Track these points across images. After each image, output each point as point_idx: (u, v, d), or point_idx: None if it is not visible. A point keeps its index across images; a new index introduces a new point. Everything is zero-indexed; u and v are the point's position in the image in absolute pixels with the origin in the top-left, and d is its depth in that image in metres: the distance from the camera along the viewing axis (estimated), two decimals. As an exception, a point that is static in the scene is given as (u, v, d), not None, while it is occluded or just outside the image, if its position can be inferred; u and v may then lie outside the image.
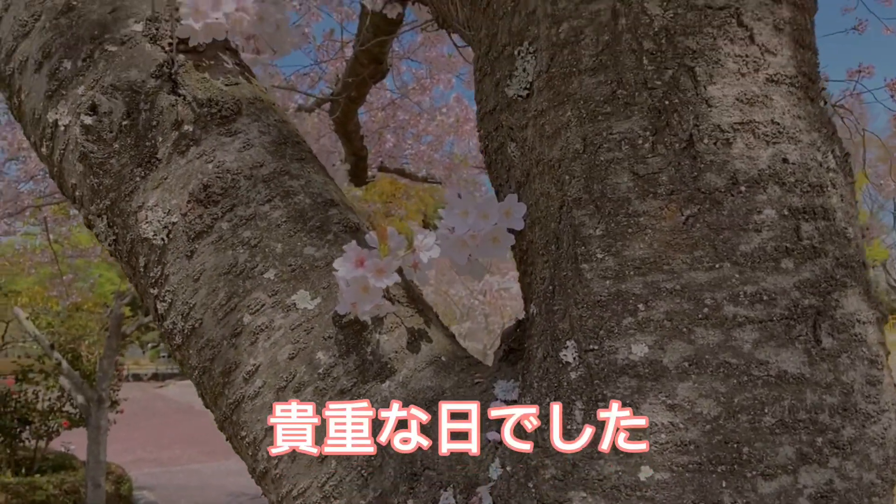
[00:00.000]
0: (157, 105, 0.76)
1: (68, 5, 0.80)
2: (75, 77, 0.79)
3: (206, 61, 0.80)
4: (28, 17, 0.81)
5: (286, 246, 0.72)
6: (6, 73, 0.84)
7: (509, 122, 0.73)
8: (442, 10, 1.33)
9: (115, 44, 0.79)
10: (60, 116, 0.79)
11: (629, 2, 0.61)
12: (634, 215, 0.58)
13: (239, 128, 0.77)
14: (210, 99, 0.76)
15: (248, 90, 0.81)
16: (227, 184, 0.74)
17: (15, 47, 0.82)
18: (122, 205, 0.76)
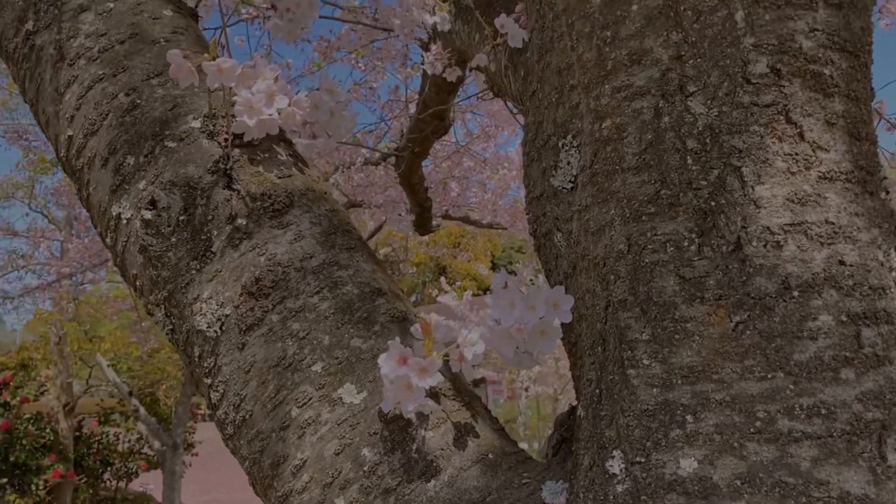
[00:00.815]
0: (213, 200, 0.78)
1: (133, 104, 0.85)
2: (137, 172, 0.82)
3: (260, 154, 0.83)
4: (97, 116, 0.86)
5: (333, 338, 0.73)
6: (76, 167, 0.88)
7: (555, 212, 0.72)
8: (497, 81, 1.35)
9: (174, 140, 0.82)
10: (123, 210, 0.82)
11: (672, 100, 0.60)
12: (681, 320, 0.56)
13: (290, 220, 0.79)
14: (263, 193, 0.79)
15: (301, 181, 0.83)
16: (277, 276, 0.75)
17: (84, 144, 0.87)
18: (179, 296, 0.78)
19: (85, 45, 0.89)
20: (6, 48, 0.95)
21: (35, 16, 0.91)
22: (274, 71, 0.81)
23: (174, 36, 0.91)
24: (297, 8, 1.23)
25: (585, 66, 0.67)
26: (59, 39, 0.90)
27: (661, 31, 0.61)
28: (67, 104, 0.88)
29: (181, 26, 0.93)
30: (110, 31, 0.89)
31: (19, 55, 0.93)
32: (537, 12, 0.75)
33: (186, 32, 0.93)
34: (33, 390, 6.29)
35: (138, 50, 0.88)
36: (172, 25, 0.92)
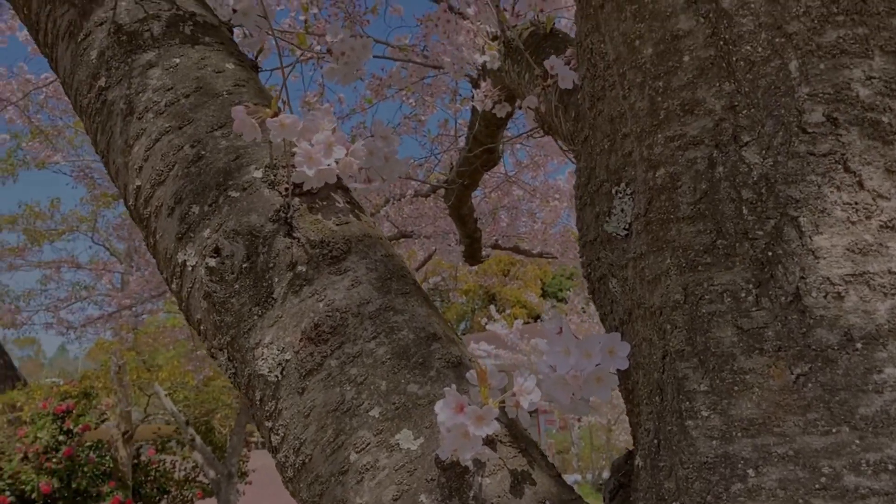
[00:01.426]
0: (274, 248, 0.81)
1: (198, 155, 0.88)
2: (202, 221, 0.86)
3: (319, 202, 0.85)
4: (164, 167, 0.89)
5: (390, 383, 0.74)
6: (144, 216, 0.92)
7: (609, 258, 0.72)
8: (547, 120, 1.36)
9: (237, 189, 0.85)
10: (188, 258, 0.86)
11: (726, 150, 0.60)
12: (740, 372, 0.56)
13: (348, 266, 0.81)
14: (322, 240, 0.81)
15: (358, 228, 0.85)
16: (336, 322, 0.77)
17: (152, 194, 0.91)
18: (241, 341, 0.81)
19: (153, 99, 0.93)
20: (80, 103, 1.00)
21: (107, 73, 0.96)
22: (331, 122, 0.84)
23: (236, 89, 0.95)
24: (351, 52, 1.27)
25: (638, 115, 0.67)
26: (128, 94, 0.94)
27: (714, 81, 0.61)
28: (136, 155, 0.93)
29: (242, 79, 0.97)
30: (176, 85, 0.93)
31: (92, 109, 0.98)
32: (588, 61, 0.76)
33: (248, 85, 0.97)
34: (95, 418, 6.46)
35: (203, 103, 0.92)
36: (234, 78, 0.96)
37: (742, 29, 0.60)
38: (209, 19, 1.03)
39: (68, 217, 7.67)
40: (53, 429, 6.47)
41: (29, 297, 7.95)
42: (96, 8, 0.99)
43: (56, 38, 1.02)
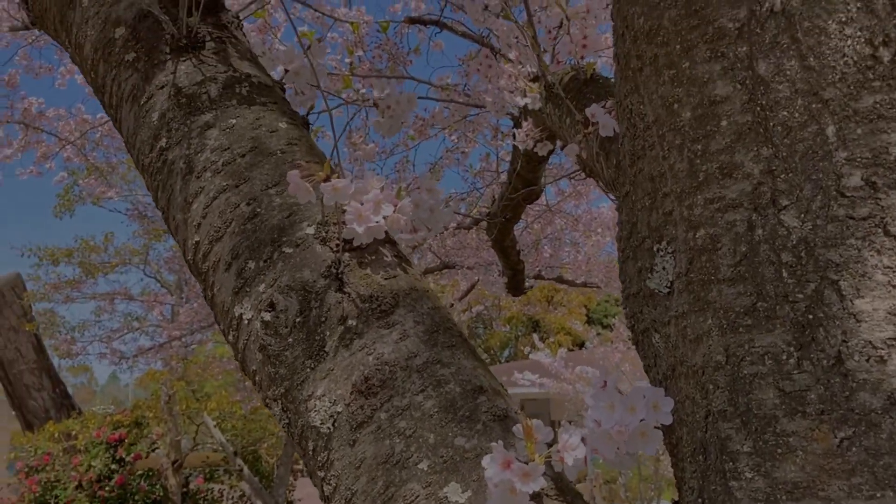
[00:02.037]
0: (326, 302, 0.84)
1: (253, 212, 0.93)
2: (257, 276, 0.90)
3: (367, 257, 0.89)
4: (221, 224, 0.94)
5: (438, 436, 0.77)
6: (202, 270, 0.97)
7: (652, 314, 0.74)
8: (588, 164, 1.38)
9: (290, 246, 0.89)
10: (245, 311, 0.90)
11: (765, 213, 0.61)
12: (783, 434, 0.56)
13: (396, 319, 0.84)
14: (371, 295, 0.84)
15: (405, 281, 0.88)
16: (385, 375, 0.80)
17: (210, 249, 0.95)
18: (295, 393, 0.84)
19: (210, 158, 0.98)
20: (142, 161, 1.06)
21: (168, 134, 1.02)
22: (379, 182, 0.87)
23: (289, 147, 0.99)
24: (397, 105, 1.31)
25: (677, 176, 0.69)
26: (188, 154, 1.00)
27: (752, 146, 0.63)
28: (195, 212, 0.97)
29: (295, 137, 1.02)
30: (233, 145, 0.98)
31: (154, 168, 1.03)
32: (628, 120, 0.79)
33: (300, 143, 1.01)
34: (146, 447, 6.60)
35: (258, 162, 0.97)
36: (287, 137, 1.01)
37: (779, 95, 0.62)
38: (263, 80, 1.08)
39: (121, 250, 7.93)
40: (106, 457, 6.63)
41: (83, 327, 8.18)
42: (158, 72, 1.05)
43: (120, 100, 1.09)
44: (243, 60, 1.09)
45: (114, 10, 1.10)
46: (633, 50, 0.75)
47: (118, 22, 1.09)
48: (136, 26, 1.08)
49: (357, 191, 0.83)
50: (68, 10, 1.15)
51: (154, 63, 1.06)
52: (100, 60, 1.11)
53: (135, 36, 1.08)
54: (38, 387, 8.34)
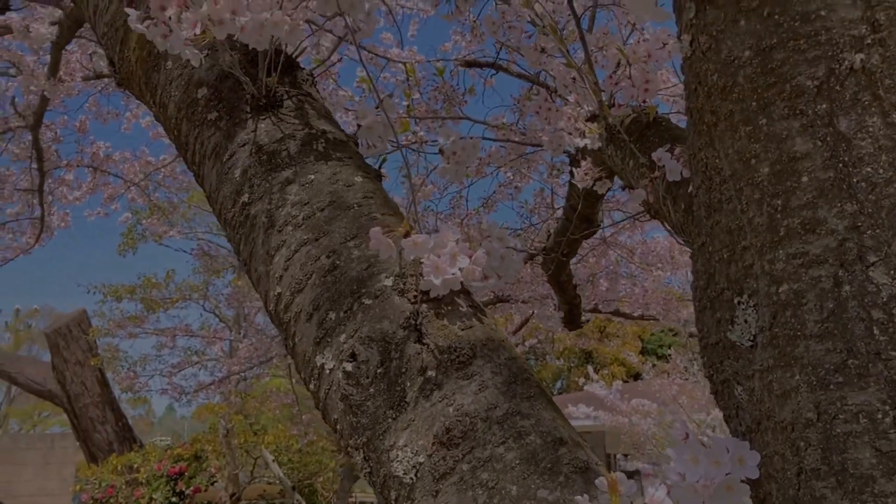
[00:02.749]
0: (406, 353, 0.87)
1: (333, 264, 0.96)
2: (338, 326, 0.93)
3: (444, 307, 0.91)
4: (302, 276, 0.98)
5: (521, 488, 0.77)
6: (284, 320, 1.00)
7: (734, 366, 0.74)
8: (654, 206, 1.39)
9: (370, 297, 0.92)
10: (326, 361, 0.92)
11: (852, 269, 0.61)
12: (882, 496, 0.56)
13: (474, 370, 0.85)
14: (450, 346, 0.86)
15: (481, 331, 0.90)
16: (466, 427, 0.81)
17: (292, 300, 0.99)
18: (377, 442, 0.86)
19: (291, 213, 1.02)
20: (225, 216, 1.11)
21: (250, 189, 1.06)
22: (455, 234, 0.90)
23: (365, 200, 1.03)
24: (462, 151, 1.34)
25: (757, 230, 0.70)
26: (269, 209, 1.04)
27: (835, 202, 0.63)
28: (277, 265, 1.01)
29: (370, 190, 1.05)
30: (312, 199, 1.02)
31: (236, 222, 1.08)
32: (703, 173, 0.80)
33: (375, 195, 1.05)
34: (205, 480, 6.72)
35: (336, 216, 1.00)
36: (363, 191, 1.04)
37: (862, 151, 0.63)
38: (338, 135, 1.12)
39: (182, 286, 8.16)
40: (167, 490, 6.77)
41: (145, 361, 8.39)
42: (239, 131, 1.10)
43: (203, 157, 1.14)
44: (320, 118, 1.13)
45: (196, 72, 1.16)
46: (707, 105, 0.77)
47: (200, 83, 1.15)
48: (217, 87, 1.14)
49: (436, 245, 0.85)
50: (153, 73, 1.22)
51: (235, 122, 1.11)
52: (183, 119, 1.17)
53: (217, 96, 1.14)
54: (102, 420, 8.57)
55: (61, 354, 8.64)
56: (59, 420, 22.19)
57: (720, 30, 0.74)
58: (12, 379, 8.85)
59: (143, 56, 1.24)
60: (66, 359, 8.65)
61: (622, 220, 2.51)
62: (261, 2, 0.99)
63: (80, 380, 8.59)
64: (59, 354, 8.63)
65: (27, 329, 25.43)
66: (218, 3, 0.91)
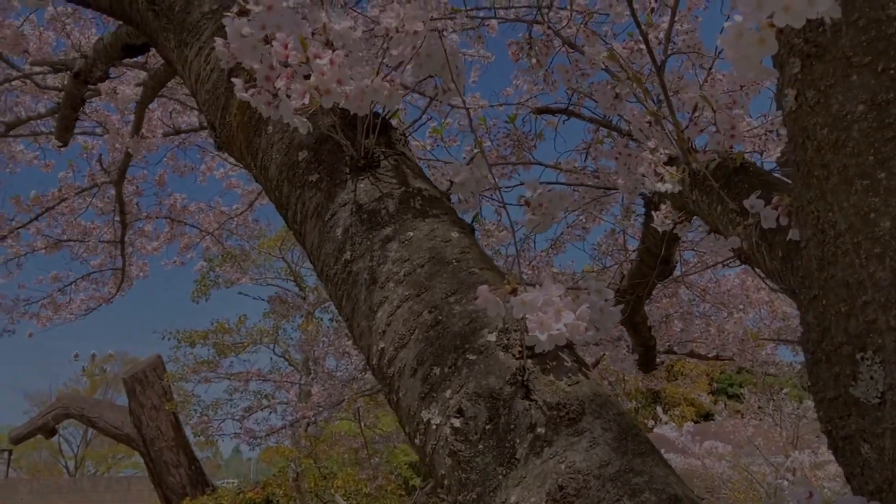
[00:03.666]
0: (514, 410, 0.88)
1: (435, 320, 0.98)
2: (443, 382, 0.94)
3: (549, 363, 0.92)
4: (405, 332, 1.00)
5: (639, 547, 0.77)
6: (388, 375, 1.03)
7: (859, 423, 0.72)
8: (746, 252, 1.37)
9: (473, 353, 0.94)
10: (432, 416, 0.94)
11: None
12: None
13: (584, 427, 0.86)
14: (558, 402, 0.87)
15: (588, 387, 0.90)
16: (579, 485, 0.81)
17: (395, 356, 1.01)
18: (487, 499, 0.87)
19: (392, 269, 1.05)
20: (327, 273, 1.15)
21: (351, 247, 1.10)
22: (559, 290, 0.91)
23: (463, 256, 1.05)
24: (549, 203, 1.36)
25: (879, 285, 0.69)
26: (371, 266, 1.07)
27: (966, 257, 0.62)
28: (380, 320, 1.04)
29: (467, 245, 1.08)
30: (412, 256, 1.05)
31: (338, 279, 1.12)
32: (814, 226, 0.79)
33: (471, 250, 1.07)
34: (276, 525, 6.76)
35: (436, 272, 1.03)
36: (461, 246, 1.07)
37: None
38: (433, 192, 1.15)
39: (252, 331, 8.34)
40: (240, 534, 6.82)
41: (217, 405, 8.57)
42: (339, 191, 1.14)
43: (305, 216, 1.19)
44: (415, 176, 1.17)
45: (297, 136, 1.22)
46: (817, 159, 0.77)
47: (301, 146, 1.21)
48: (317, 150, 1.19)
49: (545, 303, 0.87)
50: (255, 137, 1.28)
51: (335, 182, 1.15)
52: (284, 181, 1.23)
53: (317, 158, 1.19)
54: (176, 464, 8.75)
55: (138, 399, 8.89)
56: (133, 462, 22.76)
57: (829, 84, 0.74)
58: (93, 423, 9.15)
59: (244, 121, 1.30)
60: (142, 403, 8.89)
61: (713, 264, 2.47)
62: (362, 70, 1.04)
63: (156, 424, 8.81)
64: (136, 399, 8.89)
65: (102, 374, 26.32)
66: (325, 74, 0.96)
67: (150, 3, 1.49)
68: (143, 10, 1.51)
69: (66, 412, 9.17)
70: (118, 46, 2.06)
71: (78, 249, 5.71)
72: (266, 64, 1.07)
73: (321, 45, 0.99)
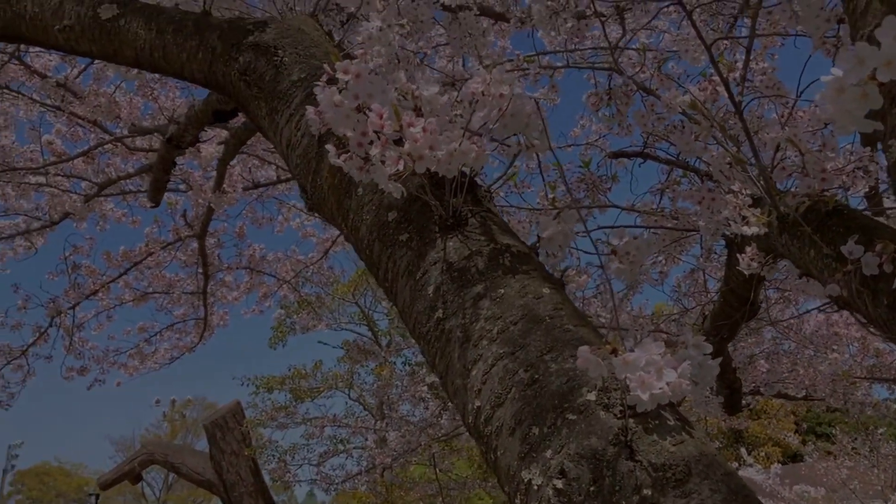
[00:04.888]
0: (618, 471, 0.87)
1: (532, 378, 0.99)
2: (543, 442, 0.94)
3: (651, 422, 0.90)
4: (501, 391, 1.01)
5: None
6: (484, 434, 1.03)
7: None
8: (845, 298, 1.33)
9: (573, 412, 0.93)
10: (533, 477, 0.94)
11: None
12: None
13: (692, 488, 0.84)
14: (664, 463, 0.85)
15: (693, 446, 0.88)
16: (691, 549, 0.79)
17: (492, 414, 1.01)
18: (595, 563, 0.85)
19: (485, 327, 1.06)
20: (419, 330, 1.17)
21: (443, 305, 1.12)
22: (660, 347, 0.90)
23: (556, 312, 1.05)
24: (636, 251, 1.35)
25: None
26: (463, 323, 1.09)
27: None
28: (474, 379, 1.05)
29: (559, 302, 1.08)
30: (504, 313, 1.06)
31: (431, 337, 1.13)
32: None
33: (564, 307, 1.07)
34: (355, 572, 6.73)
35: (530, 329, 1.03)
36: (553, 302, 1.07)
37: None
38: (521, 248, 1.17)
39: (327, 376, 8.44)
40: (319, 582, 6.81)
41: (294, 451, 8.66)
42: (429, 250, 1.17)
43: (396, 275, 1.22)
44: (503, 232, 1.19)
45: (386, 197, 1.25)
46: (930, 210, 0.75)
47: (390, 207, 1.24)
48: (406, 210, 1.22)
49: (648, 363, 0.86)
50: (345, 199, 1.33)
51: (425, 241, 1.18)
52: (375, 240, 1.26)
53: (406, 218, 1.22)
54: (255, 509, 8.85)
55: (218, 445, 9.07)
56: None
57: (938, 136, 0.72)
58: (175, 469, 9.36)
59: (334, 184, 1.35)
60: (222, 449, 9.07)
61: (803, 312, 2.40)
62: (450, 135, 1.07)
63: (236, 469, 8.96)
64: (217, 445, 9.07)
65: (182, 419, 27.05)
66: (418, 141, 1.00)
67: (241, 73, 1.57)
68: (235, 80, 1.60)
69: (151, 458, 9.42)
70: (209, 113, 2.18)
71: (163, 301, 5.95)
72: (358, 131, 1.12)
73: (412, 113, 1.03)
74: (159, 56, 1.65)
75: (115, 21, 1.67)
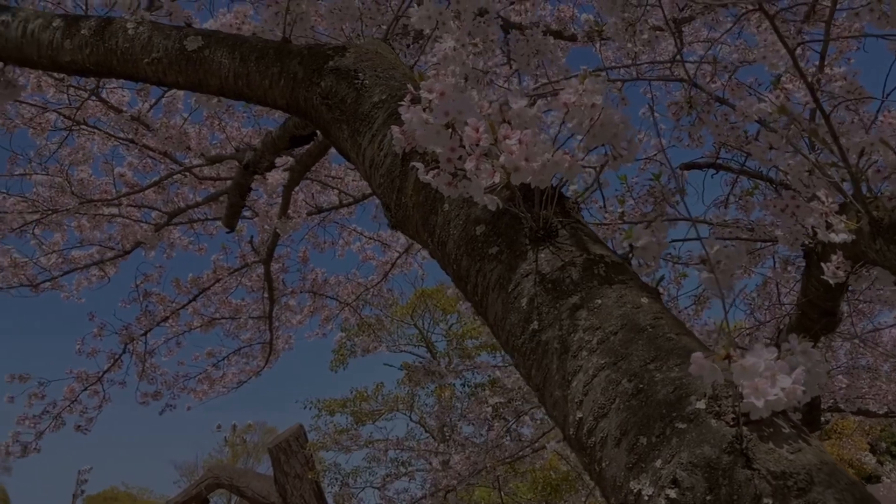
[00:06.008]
0: (735, 480, 0.85)
1: (636, 388, 0.97)
2: (651, 451, 0.92)
3: (765, 429, 0.88)
4: (605, 401, 1.00)
5: None
6: (587, 445, 1.02)
7: None
8: (951, 303, 1.28)
9: (682, 421, 0.92)
10: (643, 487, 0.92)
11: None
12: None
13: (815, 498, 0.81)
14: (783, 471, 0.83)
15: (812, 454, 0.86)
16: (819, 560, 0.77)
17: (595, 426, 1.00)
18: (714, 575, 0.83)
19: (584, 338, 1.06)
20: (513, 343, 1.17)
21: (538, 317, 1.12)
22: (772, 353, 0.88)
23: (657, 322, 1.04)
24: (727, 260, 1.33)
25: None
26: (561, 335, 1.08)
27: None
28: (575, 390, 1.04)
29: (658, 311, 1.07)
30: (603, 324, 1.06)
31: (527, 349, 1.13)
32: None
33: (664, 316, 1.06)
34: None
35: (631, 339, 1.02)
36: (652, 312, 1.06)
37: None
38: (614, 258, 1.16)
39: (388, 398, 8.48)
40: None
41: (356, 474, 8.69)
42: (520, 262, 1.17)
43: (486, 289, 1.22)
44: (594, 242, 1.18)
45: (473, 211, 1.26)
46: None
47: (478, 221, 1.25)
48: (495, 223, 1.23)
49: (766, 368, 0.84)
50: (431, 216, 1.34)
51: (516, 254, 1.18)
52: (463, 255, 1.27)
53: (495, 231, 1.22)
54: (319, 532, 8.89)
55: (282, 468, 9.17)
56: (274, 531, 23.33)
57: None
58: (241, 492, 9.49)
59: (419, 201, 1.37)
60: (286, 472, 9.16)
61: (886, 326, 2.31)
62: (542, 146, 1.07)
63: (300, 493, 9.03)
64: (281, 468, 9.17)
65: (243, 443, 27.44)
66: (514, 153, 1.00)
67: (323, 98, 1.61)
68: (316, 104, 1.64)
69: (217, 482, 9.58)
70: (286, 138, 2.23)
71: (230, 326, 6.08)
72: (448, 147, 1.13)
73: (507, 126, 1.04)
74: (243, 84, 1.70)
75: (201, 52, 1.73)
